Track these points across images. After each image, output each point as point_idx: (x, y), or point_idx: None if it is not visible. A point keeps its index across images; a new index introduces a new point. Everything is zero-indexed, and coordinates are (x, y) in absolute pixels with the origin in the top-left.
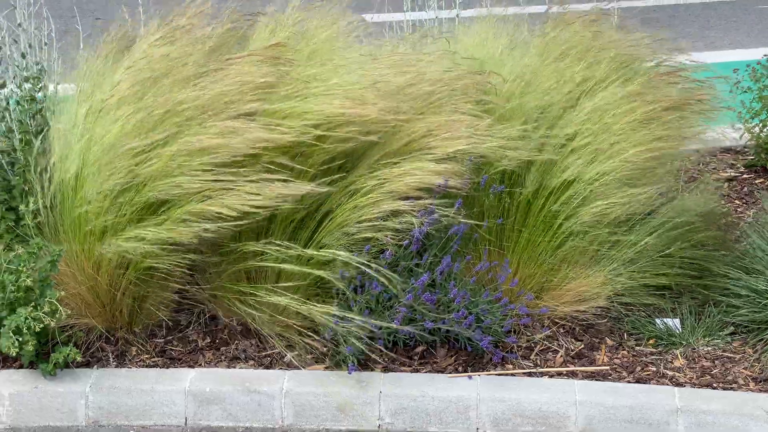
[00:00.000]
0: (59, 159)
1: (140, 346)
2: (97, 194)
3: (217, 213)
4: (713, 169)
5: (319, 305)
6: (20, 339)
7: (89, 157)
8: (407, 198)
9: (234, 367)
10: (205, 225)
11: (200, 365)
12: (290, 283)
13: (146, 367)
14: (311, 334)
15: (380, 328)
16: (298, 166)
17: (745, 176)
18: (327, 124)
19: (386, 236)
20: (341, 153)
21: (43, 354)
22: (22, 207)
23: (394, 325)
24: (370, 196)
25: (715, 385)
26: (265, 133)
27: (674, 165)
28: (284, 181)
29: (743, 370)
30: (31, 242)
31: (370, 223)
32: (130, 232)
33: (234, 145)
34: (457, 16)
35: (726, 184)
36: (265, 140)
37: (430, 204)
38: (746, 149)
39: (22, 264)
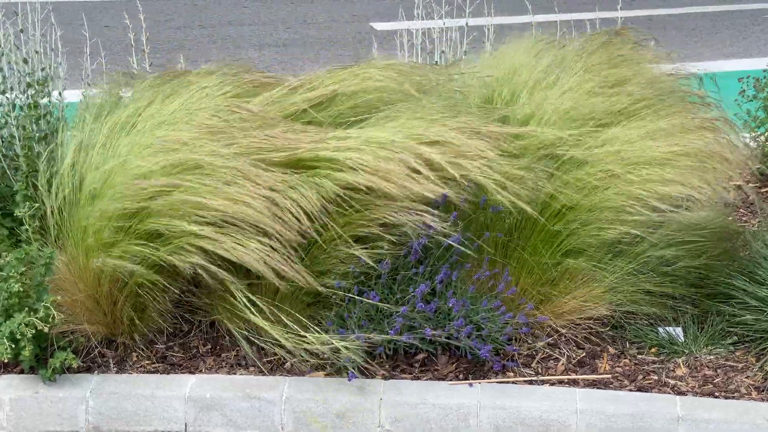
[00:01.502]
0: (70, 167)
1: (141, 352)
2: (102, 214)
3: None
4: (718, 177)
5: (314, 334)
6: (14, 345)
7: (115, 179)
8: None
9: (234, 374)
10: (199, 260)
11: (201, 371)
12: (287, 293)
13: (147, 372)
14: (312, 341)
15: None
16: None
17: (751, 185)
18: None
19: (383, 247)
20: None
21: (44, 359)
22: (18, 212)
23: (390, 336)
24: (364, 213)
25: (717, 393)
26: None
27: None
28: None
29: (746, 379)
30: (20, 248)
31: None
32: (121, 248)
33: (241, 212)
34: (466, 24)
35: (731, 193)
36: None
37: (431, 218)
38: (752, 158)
39: (12, 270)
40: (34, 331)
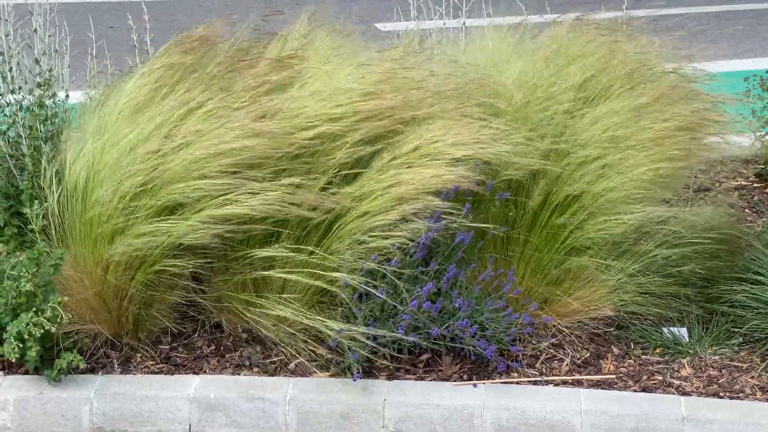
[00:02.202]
0: (71, 162)
1: (145, 353)
2: (112, 195)
3: (241, 215)
4: (723, 177)
5: (322, 318)
6: (21, 345)
7: (106, 158)
8: (415, 200)
9: (239, 374)
10: (222, 227)
11: (205, 372)
12: (295, 295)
13: (151, 373)
14: (316, 341)
15: (384, 336)
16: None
17: (755, 185)
18: (346, 119)
19: (393, 245)
20: (352, 161)
21: (49, 360)
22: (26, 210)
23: (398, 334)
24: (377, 203)
25: (721, 394)
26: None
27: (683, 179)
28: (322, 189)
29: (750, 380)
30: (33, 248)
31: (380, 232)
32: (144, 228)
33: (256, 147)
34: (464, 24)
35: (735, 193)
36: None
37: (438, 208)
38: (756, 158)
39: (24, 270)
40: (42, 331)
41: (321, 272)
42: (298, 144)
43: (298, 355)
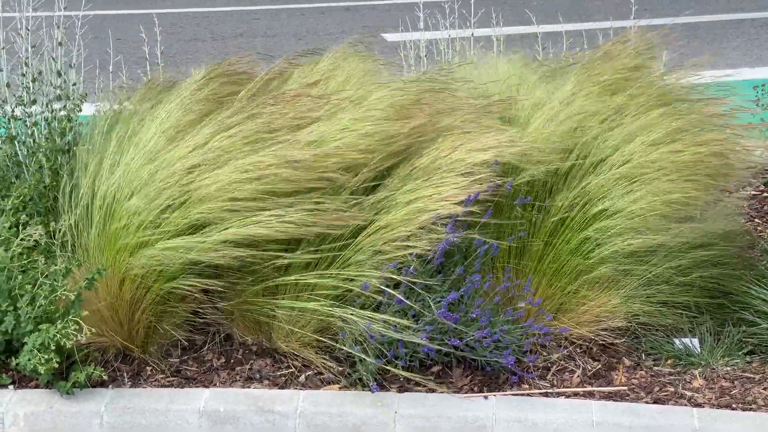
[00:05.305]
0: (93, 175)
1: (155, 366)
2: (145, 207)
3: (262, 235)
4: (733, 187)
5: (347, 309)
6: (46, 356)
7: (141, 173)
8: (435, 211)
9: (249, 387)
10: (243, 251)
11: (215, 385)
12: (314, 294)
13: (161, 386)
14: (327, 353)
15: (404, 346)
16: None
17: (765, 194)
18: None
19: (411, 254)
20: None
21: (59, 373)
22: (32, 230)
23: (420, 341)
24: (398, 215)
25: (734, 405)
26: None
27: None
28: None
29: (763, 391)
30: (72, 259)
31: (400, 242)
32: (171, 242)
33: (288, 176)
34: (472, 35)
35: (745, 203)
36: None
37: (457, 215)
38: (766, 167)
39: (60, 278)
40: (71, 343)
41: (341, 273)
42: (329, 175)
43: (308, 368)
